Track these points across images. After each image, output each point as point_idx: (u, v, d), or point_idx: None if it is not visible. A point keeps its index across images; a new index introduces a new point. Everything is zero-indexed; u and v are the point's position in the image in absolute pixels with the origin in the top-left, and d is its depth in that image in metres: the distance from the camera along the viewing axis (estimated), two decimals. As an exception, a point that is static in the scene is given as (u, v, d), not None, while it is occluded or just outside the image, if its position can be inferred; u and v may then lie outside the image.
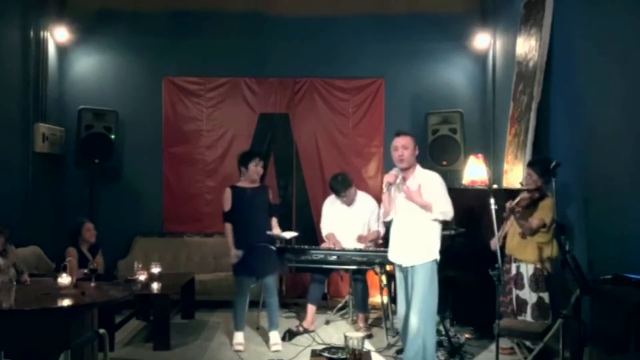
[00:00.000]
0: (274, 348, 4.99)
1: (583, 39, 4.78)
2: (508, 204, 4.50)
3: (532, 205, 4.57)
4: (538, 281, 4.50)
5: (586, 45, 4.72)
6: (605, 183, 4.37)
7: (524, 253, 4.56)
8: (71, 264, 4.19)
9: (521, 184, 4.73)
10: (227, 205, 5.01)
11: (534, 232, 4.50)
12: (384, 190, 4.17)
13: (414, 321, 3.99)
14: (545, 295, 4.49)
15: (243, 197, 4.99)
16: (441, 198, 4.06)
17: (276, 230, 5.14)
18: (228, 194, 5.03)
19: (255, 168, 5.05)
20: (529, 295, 4.52)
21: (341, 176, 5.70)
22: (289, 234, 5.26)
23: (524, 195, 4.54)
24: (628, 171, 4.09)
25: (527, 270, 4.55)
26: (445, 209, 4.04)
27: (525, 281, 4.55)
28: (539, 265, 4.51)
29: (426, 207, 4.02)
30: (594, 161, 4.55)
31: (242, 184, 5.09)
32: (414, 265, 4.06)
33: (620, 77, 4.23)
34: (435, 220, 4.08)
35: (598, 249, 4.40)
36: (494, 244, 4.18)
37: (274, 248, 5.10)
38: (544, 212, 4.49)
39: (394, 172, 4.13)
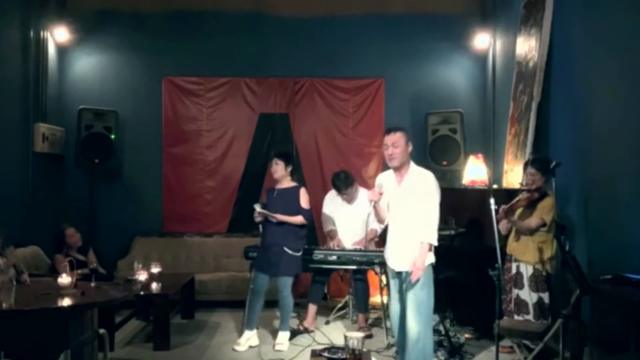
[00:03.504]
0: (276, 347, 5.00)
1: (583, 39, 4.77)
2: (502, 208, 4.42)
3: (531, 205, 4.56)
4: (538, 281, 4.49)
5: (586, 45, 4.72)
6: (605, 183, 4.36)
7: (524, 254, 4.55)
8: (70, 264, 4.18)
9: (521, 184, 4.67)
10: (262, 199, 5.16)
11: (533, 231, 4.49)
12: (370, 208, 4.04)
13: (413, 326, 3.94)
14: (545, 296, 4.48)
15: (269, 198, 5.15)
16: (429, 215, 3.91)
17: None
18: (264, 195, 5.20)
19: (270, 168, 5.22)
20: (529, 295, 4.51)
21: (344, 174, 5.69)
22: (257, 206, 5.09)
23: (523, 195, 4.51)
24: (628, 171, 4.08)
25: (526, 270, 4.55)
26: (427, 237, 3.89)
27: (525, 281, 4.54)
28: (538, 266, 4.50)
29: None
30: (594, 161, 4.54)
31: (277, 184, 5.21)
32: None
33: (620, 77, 4.23)
34: None
35: (598, 249, 4.40)
36: (504, 227, 4.26)
37: (289, 251, 5.00)
38: (544, 212, 4.47)
39: (376, 189, 4.00)
